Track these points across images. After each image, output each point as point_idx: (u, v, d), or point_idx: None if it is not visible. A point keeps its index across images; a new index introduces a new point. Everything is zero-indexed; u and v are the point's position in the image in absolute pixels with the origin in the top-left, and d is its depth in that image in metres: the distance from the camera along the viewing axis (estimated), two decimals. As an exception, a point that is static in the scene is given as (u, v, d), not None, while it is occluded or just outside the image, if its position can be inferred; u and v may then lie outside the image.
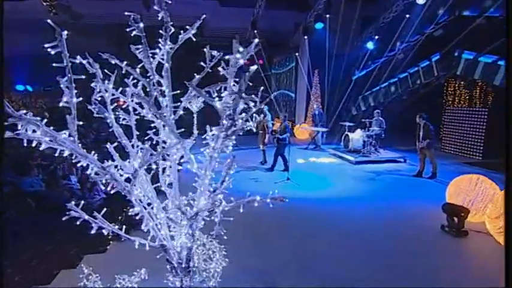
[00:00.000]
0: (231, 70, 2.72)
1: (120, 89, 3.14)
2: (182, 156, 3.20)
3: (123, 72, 3.05)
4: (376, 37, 15.41)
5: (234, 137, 2.83)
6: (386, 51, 15.06)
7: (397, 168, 11.51)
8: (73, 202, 3.03)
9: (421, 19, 12.53)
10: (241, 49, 2.67)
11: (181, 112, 3.20)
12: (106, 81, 3.02)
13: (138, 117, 3.23)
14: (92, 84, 2.95)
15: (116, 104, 3.18)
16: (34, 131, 2.51)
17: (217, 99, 2.76)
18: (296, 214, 6.94)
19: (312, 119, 16.43)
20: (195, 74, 3.02)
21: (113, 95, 3.08)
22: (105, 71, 3.04)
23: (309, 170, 11.15)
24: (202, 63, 3.05)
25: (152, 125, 3.17)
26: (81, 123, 2.86)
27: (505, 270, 2.46)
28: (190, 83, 2.78)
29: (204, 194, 2.96)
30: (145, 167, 2.88)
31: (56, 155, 2.70)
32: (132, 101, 3.12)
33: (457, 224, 6.01)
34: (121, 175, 2.91)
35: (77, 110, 2.76)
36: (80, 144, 2.76)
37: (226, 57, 2.72)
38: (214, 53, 2.93)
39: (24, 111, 2.42)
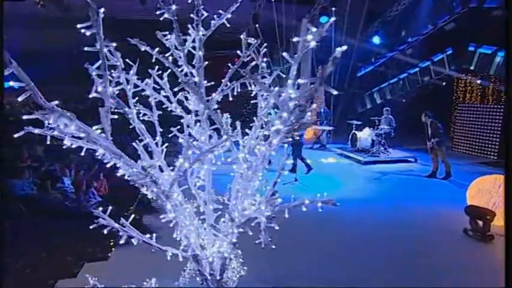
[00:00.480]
0: (298, 55, 2.42)
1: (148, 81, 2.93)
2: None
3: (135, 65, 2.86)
4: (383, 31, 15.31)
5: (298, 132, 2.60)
6: (394, 45, 14.97)
7: (409, 169, 11.39)
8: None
9: (432, 11, 12.44)
10: (313, 29, 2.29)
11: (215, 106, 3.04)
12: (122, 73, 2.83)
13: (160, 112, 3.05)
14: (114, 75, 2.74)
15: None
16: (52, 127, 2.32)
17: (276, 89, 2.54)
18: (305, 216, 6.76)
19: (316, 117, 16.29)
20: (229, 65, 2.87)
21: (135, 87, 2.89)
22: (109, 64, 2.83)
23: (317, 170, 11.00)
24: (238, 52, 2.89)
25: (182, 120, 3.03)
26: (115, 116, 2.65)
27: (505, 270, 2.51)
28: (246, 70, 2.57)
29: (248, 197, 2.78)
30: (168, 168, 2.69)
31: (82, 154, 2.50)
32: (152, 95, 2.96)
33: (481, 227, 5.88)
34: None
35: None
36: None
37: (295, 39, 2.36)
38: (251, 40, 2.80)
39: (56, 103, 2.24)
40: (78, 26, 2.27)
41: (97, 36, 2.34)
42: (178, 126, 3.08)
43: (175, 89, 3.11)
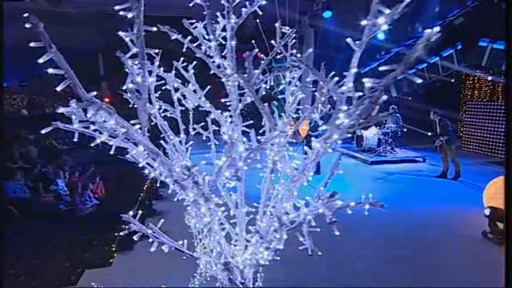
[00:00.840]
0: (364, 40, 2.24)
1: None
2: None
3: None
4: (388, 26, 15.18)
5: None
6: (400, 41, 14.84)
7: (418, 169, 11.29)
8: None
9: (442, 4, 12.33)
10: (386, 11, 2.06)
11: (248, 99, 2.92)
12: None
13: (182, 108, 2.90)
14: (135, 67, 2.57)
15: (107, 100, 2.85)
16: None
17: (334, 80, 2.37)
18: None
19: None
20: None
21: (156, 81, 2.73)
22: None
23: (322, 170, 10.86)
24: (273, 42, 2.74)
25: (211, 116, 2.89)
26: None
27: (505, 270, 2.49)
28: (301, 58, 2.41)
29: (291, 199, 2.64)
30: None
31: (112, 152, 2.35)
32: (178, 89, 2.81)
33: (502, 230, 5.77)
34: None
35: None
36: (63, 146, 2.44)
37: (363, 22, 2.15)
38: (286, 29, 2.67)
39: (95, 93, 2.09)
40: (117, 7, 2.07)
41: (136, 20, 2.15)
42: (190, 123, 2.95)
43: (224, 79, 2.99)
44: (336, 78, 2.40)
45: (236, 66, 2.82)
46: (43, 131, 2.28)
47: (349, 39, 2.29)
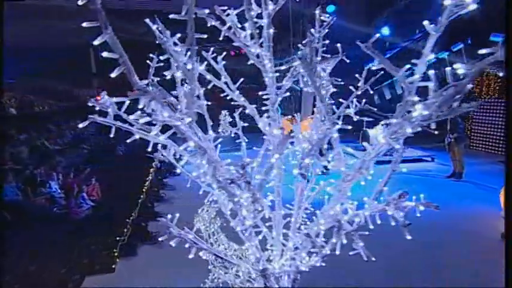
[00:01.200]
0: (443, 23, 2.11)
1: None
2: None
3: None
4: (393, 21, 15.13)
5: None
6: (405, 36, 14.78)
7: (426, 168, 11.22)
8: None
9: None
10: None
11: (287, 93, 2.87)
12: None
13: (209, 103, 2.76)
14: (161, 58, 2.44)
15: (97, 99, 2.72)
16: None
17: (404, 69, 2.23)
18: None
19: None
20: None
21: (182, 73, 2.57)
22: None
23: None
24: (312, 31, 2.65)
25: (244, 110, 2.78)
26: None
27: (505, 270, 2.53)
28: (368, 44, 2.27)
29: (341, 199, 2.50)
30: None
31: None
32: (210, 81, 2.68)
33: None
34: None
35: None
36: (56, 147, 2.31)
37: (446, 1, 1.99)
38: (325, 17, 2.56)
39: (147, 82, 1.96)
40: None
41: (188, 0, 2.03)
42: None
43: (282, 68, 2.93)
44: (407, 66, 2.26)
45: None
46: (80, 125, 2.19)
47: (426, 22, 2.17)
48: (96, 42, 1.87)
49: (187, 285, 4.08)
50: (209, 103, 2.73)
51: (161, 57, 2.41)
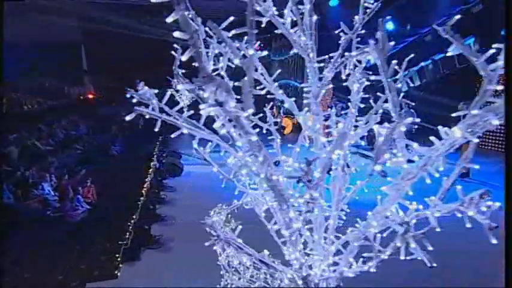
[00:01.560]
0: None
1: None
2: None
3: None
4: (397, 16, 15.05)
5: None
6: (410, 32, 14.70)
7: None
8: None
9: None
10: None
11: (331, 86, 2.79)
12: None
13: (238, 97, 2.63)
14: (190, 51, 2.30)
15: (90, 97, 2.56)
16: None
17: (485, 55, 2.08)
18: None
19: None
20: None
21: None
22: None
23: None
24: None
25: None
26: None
27: (505, 270, 2.48)
28: (446, 27, 2.13)
29: (398, 199, 2.39)
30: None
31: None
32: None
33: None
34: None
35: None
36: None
37: None
38: (370, 3, 2.45)
39: (212, 68, 1.84)
40: None
41: None
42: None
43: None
44: (492, 51, 2.11)
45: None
46: (127, 118, 2.08)
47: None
48: (169, 20, 1.79)
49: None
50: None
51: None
